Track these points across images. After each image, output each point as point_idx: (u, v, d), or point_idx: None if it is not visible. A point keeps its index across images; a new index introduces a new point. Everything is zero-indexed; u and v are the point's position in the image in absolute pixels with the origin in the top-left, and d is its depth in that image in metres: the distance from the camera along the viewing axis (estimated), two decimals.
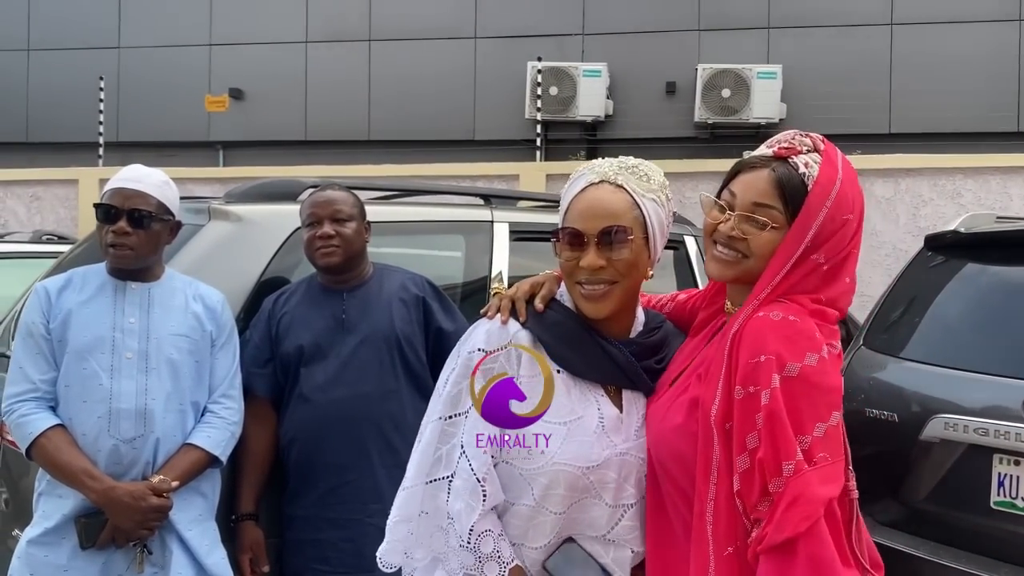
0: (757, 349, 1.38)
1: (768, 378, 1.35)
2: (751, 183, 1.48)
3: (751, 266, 1.48)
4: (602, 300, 1.58)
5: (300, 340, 2.51)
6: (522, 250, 3.43)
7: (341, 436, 2.45)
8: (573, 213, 1.59)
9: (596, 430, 1.58)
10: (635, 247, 1.57)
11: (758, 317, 1.42)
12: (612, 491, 1.58)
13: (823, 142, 1.51)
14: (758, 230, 1.46)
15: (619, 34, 10.31)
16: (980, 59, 9.50)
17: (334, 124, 10.83)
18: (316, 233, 2.52)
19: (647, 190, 1.59)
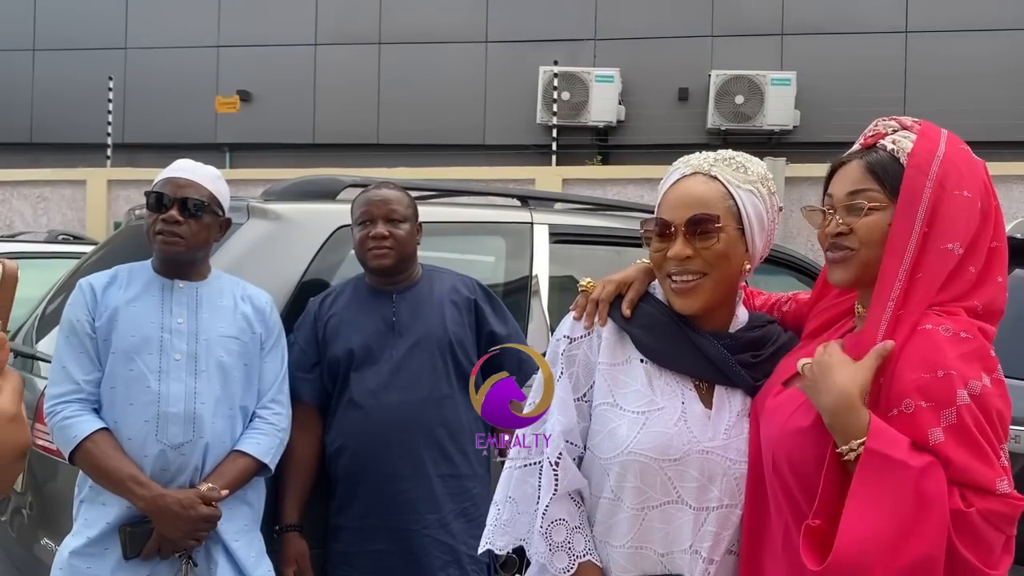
0: (934, 363, 1.29)
1: (951, 395, 1.27)
2: (843, 177, 1.44)
3: (865, 257, 1.40)
4: (691, 294, 1.53)
5: (349, 343, 2.42)
6: (562, 253, 3.35)
7: (394, 444, 2.35)
8: (663, 205, 1.57)
9: (677, 423, 1.51)
10: (727, 238, 1.51)
11: (926, 330, 1.32)
12: (694, 492, 1.50)
13: (916, 121, 1.44)
14: (859, 216, 1.40)
15: (632, 39, 10.24)
16: (996, 67, 9.45)
17: (343, 127, 10.74)
18: (369, 233, 2.42)
19: (743, 180, 1.54)
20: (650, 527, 1.51)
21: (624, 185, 7.98)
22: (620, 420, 1.52)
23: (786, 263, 4.27)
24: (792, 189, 7.95)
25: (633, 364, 1.57)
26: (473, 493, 2.40)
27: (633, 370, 1.57)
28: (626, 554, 1.52)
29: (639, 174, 8.11)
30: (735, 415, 1.54)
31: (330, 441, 2.43)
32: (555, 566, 1.53)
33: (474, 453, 2.42)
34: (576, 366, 1.60)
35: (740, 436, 1.52)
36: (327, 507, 2.46)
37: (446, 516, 2.35)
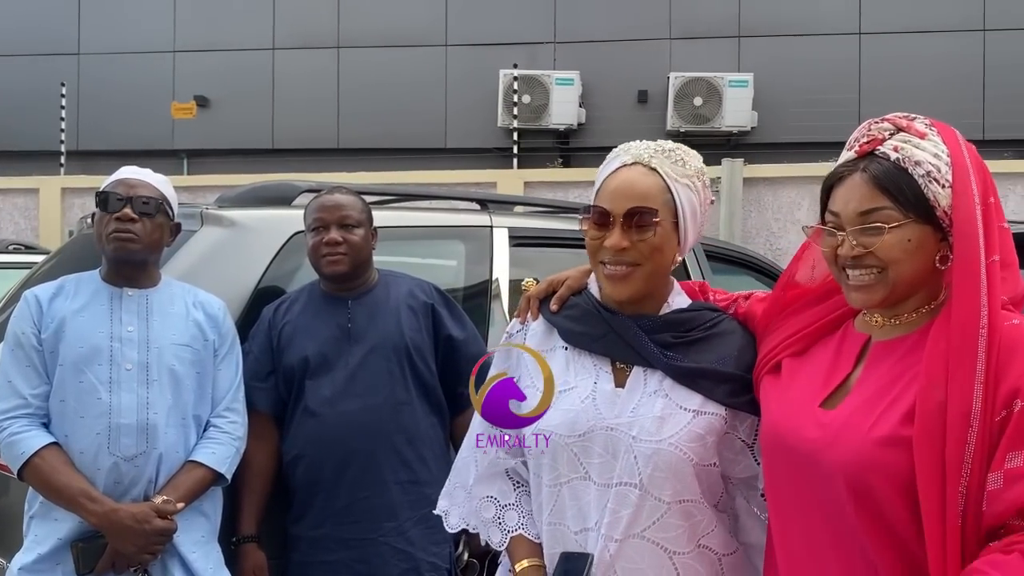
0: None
1: None
2: (848, 195, 1.35)
3: (894, 277, 1.32)
4: (624, 281, 1.56)
5: (304, 351, 2.39)
6: (523, 256, 3.35)
7: (351, 452, 2.33)
8: (603, 193, 1.58)
9: (585, 400, 1.55)
10: (662, 231, 1.53)
11: (1015, 324, 1.25)
12: (599, 468, 1.53)
13: (908, 119, 1.36)
14: (878, 236, 1.31)
15: (591, 42, 10.29)
16: (946, 68, 9.64)
17: (302, 132, 10.65)
18: (322, 239, 2.40)
19: (681, 175, 1.56)
20: (563, 504, 1.55)
21: (586, 187, 8.00)
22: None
23: (746, 264, 4.31)
24: (750, 189, 8.04)
25: (557, 351, 1.63)
26: (433, 499, 2.33)
27: (556, 356, 1.62)
28: (548, 531, 1.58)
29: None
30: (648, 394, 1.55)
31: (286, 450, 2.41)
32: (492, 541, 1.65)
33: (433, 459, 2.41)
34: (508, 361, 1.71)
35: (648, 415, 1.52)
36: (285, 517, 2.43)
37: (404, 524, 2.33)
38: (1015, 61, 9.48)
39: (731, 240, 7.42)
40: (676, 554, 1.51)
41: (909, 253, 1.31)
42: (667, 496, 1.50)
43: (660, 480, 1.50)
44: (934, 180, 1.30)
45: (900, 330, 1.39)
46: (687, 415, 1.53)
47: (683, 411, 1.53)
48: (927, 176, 1.30)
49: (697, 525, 1.53)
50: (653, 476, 1.50)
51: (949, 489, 1.20)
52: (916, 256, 1.31)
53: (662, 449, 1.50)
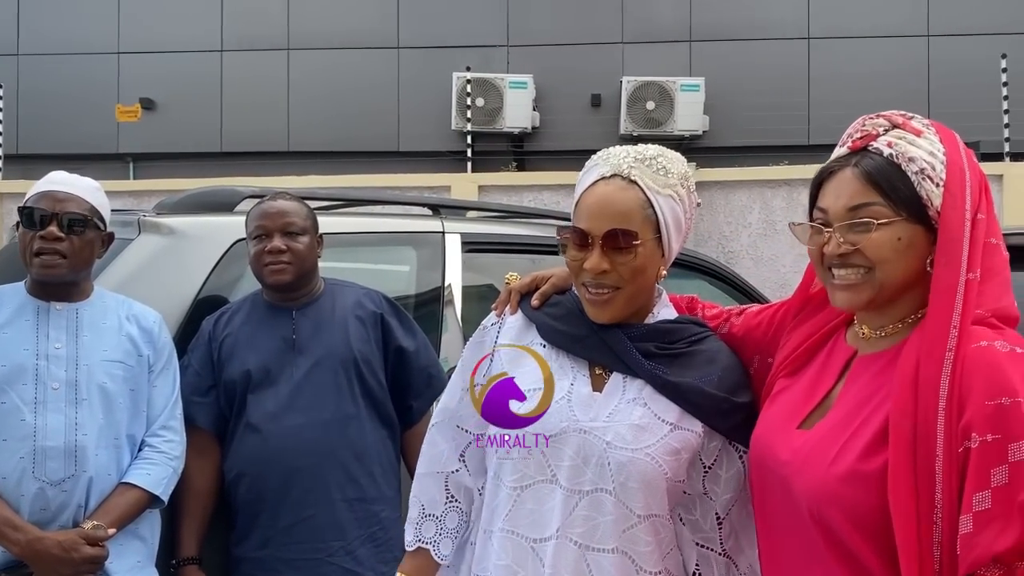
0: (998, 389, 1.12)
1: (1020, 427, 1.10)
2: (838, 189, 1.28)
3: (882, 277, 1.26)
4: (606, 306, 1.50)
5: (246, 364, 2.30)
6: (476, 262, 3.28)
7: (295, 469, 2.24)
8: (581, 210, 1.50)
9: (559, 401, 1.49)
10: (644, 251, 1.47)
11: (981, 347, 1.16)
12: (568, 471, 1.45)
13: (905, 116, 1.30)
14: (866, 233, 1.25)
15: (544, 46, 10.26)
16: (892, 72, 9.78)
17: (252, 135, 10.45)
18: (265, 247, 2.31)
19: (664, 185, 1.48)
20: (522, 508, 1.48)
21: (540, 191, 7.96)
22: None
23: (698, 267, 4.29)
24: (702, 193, 8.03)
25: (535, 348, 1.57)
26: (381, 517, 2.30)
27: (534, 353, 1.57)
28: (499, 539, 1.49)
29: (555, 180, 8.10)
30: (626, 401, 1.49)
31: (228, 468, 2.31)
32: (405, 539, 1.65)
33: (382, 475, 2.33)
34: (480, 352, 1.64)
35: (624, 422, 1.46)
36: (228, 538, 2.33)
37: (352, 543, 2.25)
38: (958, 66, 9.66)
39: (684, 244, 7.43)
40: (643, 571, 1.45)
41: (899, 253, 1.24)
42: (638, 508, 1.44)
43: (633, 490, 1.44)
44: (928, 178, 1.24)
45: (884, 343, 1.32)
46: (665, 427, 1.47)
47: (661, 423, 1.47)
48: (921, 173, 1.24)
49: (662, 543, 1.47)
50: (626, 486, 1.44)
51: (922, 528, 1.14)
52: (906, 256, 1.25)
53: (637, 459, 1.44)
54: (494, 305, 1.68)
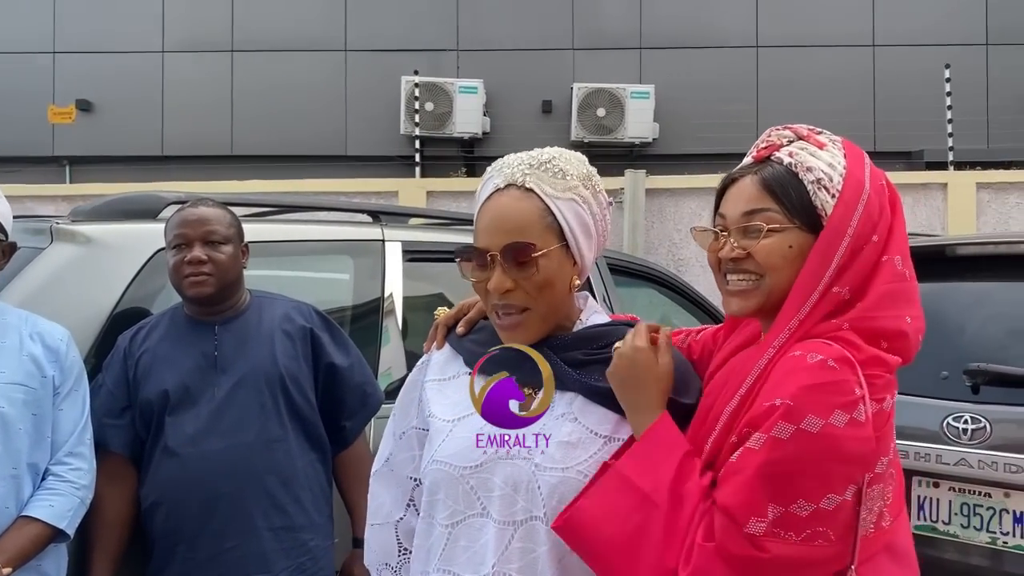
0: (775, 392, 1.16)
1: (772, 424, 1.14)
2: (737, 195, 1.30)
3: (771, 284, 1.26)
4: (517, 330, 1.40)
5: (164, 383, 2.14)
6: (418, 271, 3.15)
7: (217, 496, 2.08)
8: (479, 227, 1.41)
9: (484, 427, 1.39)
10: (547, 264, 1.36)
11: (793, 356, 1.19)
12: (499, 502, 1.35)
13: (812, 130, 1.32)
14: (757, 239, 1.26)
15: (495, 51, 10.16)
16: (839, 81, 9.88)
17: (194, 138, 10.16)
18: (184, 258, 2.15)
19: (563, 189, 1.38)
20: (456, 546, 1.37)
21: None
22: (435, 430, 1.45)
23: (647, 276, 4.22)
24: (652, 200, 8.03)
25: (460, 378, 1.49)
26: (311, 546, 2.15)
27: (458, 383, 1.48)
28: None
29: None
30: (555, 418, 1.38)
31: (144, 495, 2.14)
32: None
33: (311, 501, 2.18)
34: (412, 392, 1.56)
35: (553, 440, 1.36)
36: (143, 571, 2.16)
37: (279, 575, 2.10)
38: (903, 76, 9.79)
39: (634, 251, 7.39)
40: None
41: (788, 260, 1.25)
42: None
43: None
44: (824, 188, 1.25)
45: None
46: (598, 440, 1.37)
47: (594, 436, 1.37)
48: (817, 183, 1.25)
49: None
50: (559, 510, 1.33)
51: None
52: (795, 264, 1.25)
53: (569, 478, 1.33)
54: (425, 344, 1.60)
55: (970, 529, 2.65)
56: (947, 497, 2.71)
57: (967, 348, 2.80)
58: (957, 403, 2.71)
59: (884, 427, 1.20)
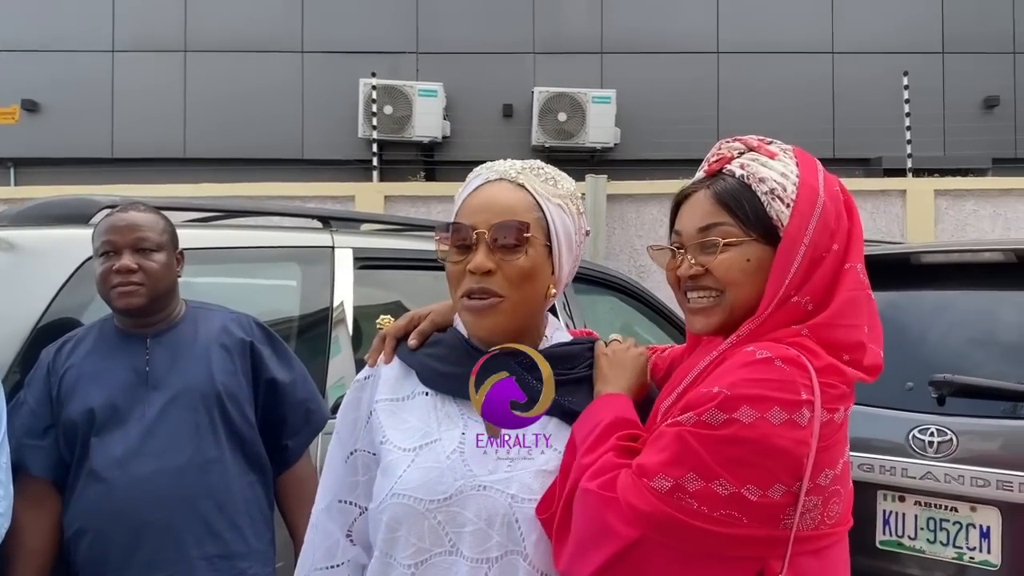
0: (715, 381, 1.14)
1: (705, 410, 1.11)
2: (691, 211, 1.28)
3: (732, 300, 1.24)
4: (487, 314, 1.30)
5: (90, 401, 1.98)
6: (370, 279, 3.02)
7: (146, 523, 1.92)
8: (463, 211, 1.34)
9: (451, 455, 1.29)
10: (534, 254, 1.30)
11: (744, 351, 1.16)
12: (471, 539, 1.24)
13: (762, 140, 1.29)
14: (715, 255, 1.23)
15: (455, 54, 10.04)
16: (799, 88, 9.92)
17: (145, 140, 9.89)
18: (113, 266, 2.00)
19: (553, 194, 1.34)
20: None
21: (449, 202, 7.68)
22: (391, 460, 1.31)
23: (608, 284, 4.13)
24: (614, 206, 7.97)
25: (416, 398, 1.37)
26: (249, 575, 2.01)
27: (416, 404, 1.37)
28: None
29: None
30: (527, 444, 1.29)
31: (68, 522, 1.98)
32: None
33: (250, 526, 2.04)
34: (356, 411, 1.41)
35: (528, 469, 1.26)
36: None
37: None
38: (861, 83, 9.86)
39: (595, 258, 7.30)
40: None
41: (748, 274, 1.23)
42: (554, 572, 1.23)
43: (545, 548, 1.24)
44: (778, 198, 1.23)
45: None
46: None
47: None
48: (771, 193, 1.23)
49: None
50: (540, 544, 1.23)
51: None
52: (755, 278, 1.23)
53: None
54: (367, 356, 1.46)
55: (936, 544, 2.59)
56: (913, 511, 2.65)
57: (932, 358, 2.74)
58: (923, 415, 2.65)
59: (833, 438, 1.15)
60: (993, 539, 2.46)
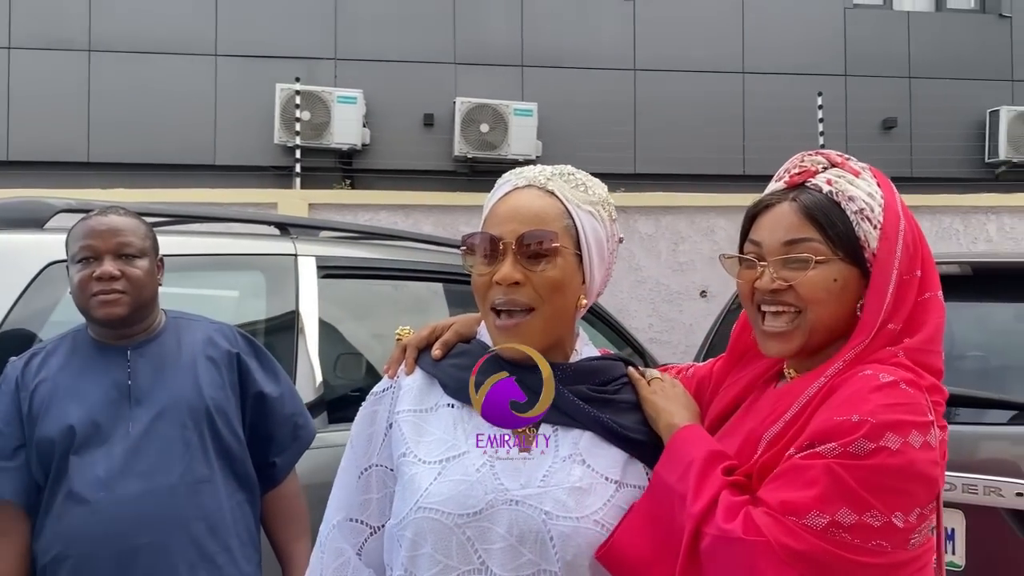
0: (851, 409, 1.10)
1: (852, 441, 1.07)
2: (775, 222, 1.24)
3: (812, 320, 1.21)
4: (517, 331, 1.27)
5: (68, 418, 1.84)
6: (334, 289, 2.94)
7: (135, 548, 1.80)
8: (490, 219, 1.32)
9: (481, 468, 1.24)
10: (563, 263, 1.27)
11: (864, 375, 1.13)
12: (501, 556, 1.20)
13: (844, 157, 1.27)
14: (802, 271, 1.20)
15: (375, 61, 9.90)
16: (711, 105, 10.19)
17: (45, 143, 9.37)
18: (93, 273, 1.87)
19: (584, 201, 1.31)
20: None
21: (376, 211, 7.57)
22: (414, 473, 1.26)
23: None
24: None
25: (440, 410, 1.33)
26: None
27: (439, 416, 1.32)
28: None
29: (391, 199, 7.76)
30: (561, 458, 1.25)
31: (42, 549, 1.83)
32: None
33: (240, 548, 1.93)
34: (373, 425, 1.36)
35: (562, 485, 1.23)
36: None
37: None
38: (769, 102, 10.22)
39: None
40: None
41: (832, 294, 1.20)
42: None
43: (581, 569, 1.20)
44: (867, 219, 1.21)
45: None
46: (610, 486, 1.25)
47: (606, 482, 1.25)
48: (860, 213, 1.21)
49: None
50: (575, 564, 1.20)
51: None
52: (839, 298, 1.21)
53: (584, 528, 1.21)
54: (386, 367, 1.41)
55: None
56: None
57: None
58: None
59: (944, 456, 1.16)
60: (958, 541, 2.55)
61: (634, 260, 7.55)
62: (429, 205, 7.78)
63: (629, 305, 7.41)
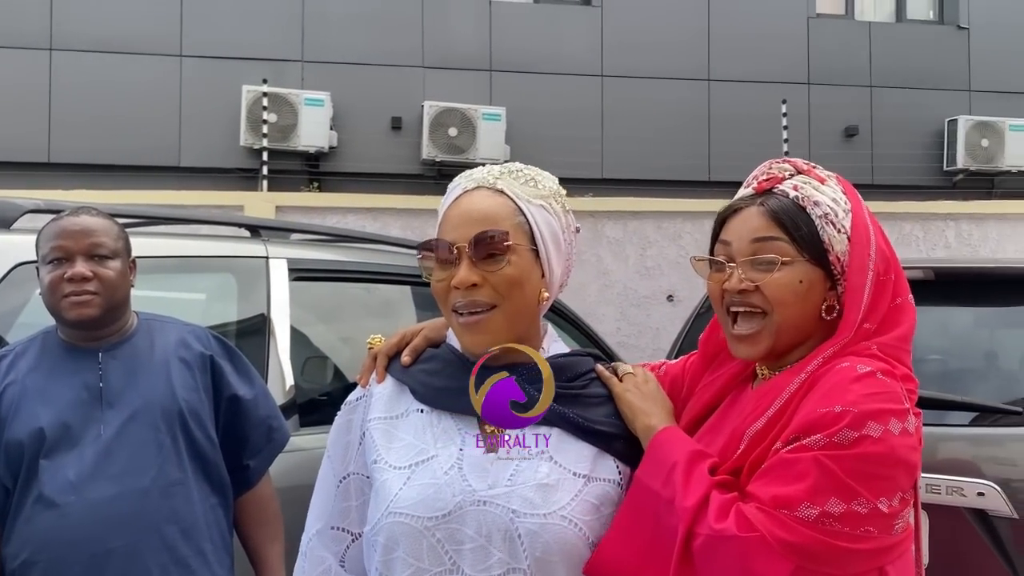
0: (833, 400, 1.15)
1: (836, 431, 1.12)
2: (743, 224, 1.29)
3: (778, 322, 1.25)
4: (479, 328, 1.29)
5: (37, 420, 1.82)
6: (306, 293, 2.92)
7: (107, 552, 1.78)
8: (444, 225, 1.33)
9: (449, 471, 1.26)
10: (518, 260, 1.29)
11: (841, 368, 1.18)
12: (471, 556, 1.21)
13: (810, 165, 1.32)
14: (768, 272, 1.25)
15: (342, 64, 9.85)
16: (677, 112, 10.29)
17: (5, 143, 9.20)
18: (64, 274, 1.85)
19: (534, 195, 1.32)
20: None
21: (344, 214, 7.54)
22: (385, 479, 1.28)
23: None
24: None
25: (410, 416, 1.35)
26: None
27: (409, 422, 1.34)
28: None
29: (359, 203, 7.73)
30: (528, 457, 1.27)
31: (11, 554, 1.81)
32: None
33: (213, 552, 1.92)
34: (348, 434, 1.38)
35: (528, 483, 1.24)
36: None
37: None
38: (734, 110, 10.35)
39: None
40: None
41: (798, 296, 1.25)
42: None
43: (553, 565, 1.22)
44: (831, 223, 1.26)
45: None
46: (578, 481, 1.27)
47: (574, 477, 1.27)
48: (824, 218, 1.26)
49: None
50: (545, 560, 1.21)
51: None
52: (804, 300, 1.26)
53: (551, 524, 1.22)
54: (358, 376, 1.43)
55: None
56: None
57: None
58: None
59: (920, 443, 1.20)
60: (922, 540, 2.61)
61: (602, 264, 7.60)
62: (397, 208, 7.77)
63: (597, 309, 7.45)
